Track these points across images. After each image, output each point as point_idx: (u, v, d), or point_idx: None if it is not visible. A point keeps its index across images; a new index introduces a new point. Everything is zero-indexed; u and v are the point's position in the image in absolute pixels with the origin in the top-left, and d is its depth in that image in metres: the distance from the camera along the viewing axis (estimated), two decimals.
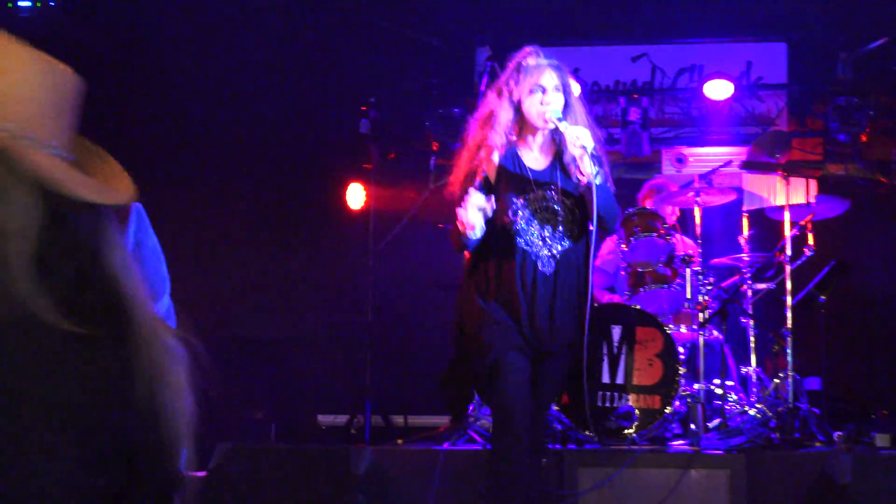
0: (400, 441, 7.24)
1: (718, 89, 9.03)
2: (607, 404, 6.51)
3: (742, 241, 7.78)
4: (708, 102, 9.18)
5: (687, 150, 9.30)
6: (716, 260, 7.85)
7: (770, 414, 6.86)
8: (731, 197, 8.02)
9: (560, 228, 4.73)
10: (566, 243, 4.74)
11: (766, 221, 8.09)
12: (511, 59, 4.89)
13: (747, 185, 9.05)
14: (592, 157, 4.56)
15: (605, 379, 6.57)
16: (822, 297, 7.40)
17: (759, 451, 6.25)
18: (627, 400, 6.54)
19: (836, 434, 6.64)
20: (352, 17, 9.02)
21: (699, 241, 7.54)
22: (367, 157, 9.05)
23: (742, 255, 7.67)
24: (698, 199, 7.52)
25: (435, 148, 9.32)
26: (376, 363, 8.48)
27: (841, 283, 7.49)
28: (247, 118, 9.32)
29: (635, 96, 9.04)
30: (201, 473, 5.68)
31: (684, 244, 7.47)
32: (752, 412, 6.97)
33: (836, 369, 7.75)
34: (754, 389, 7.36)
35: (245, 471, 5.86)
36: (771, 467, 5.96)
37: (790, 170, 7.53)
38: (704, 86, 9.03)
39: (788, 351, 7.12)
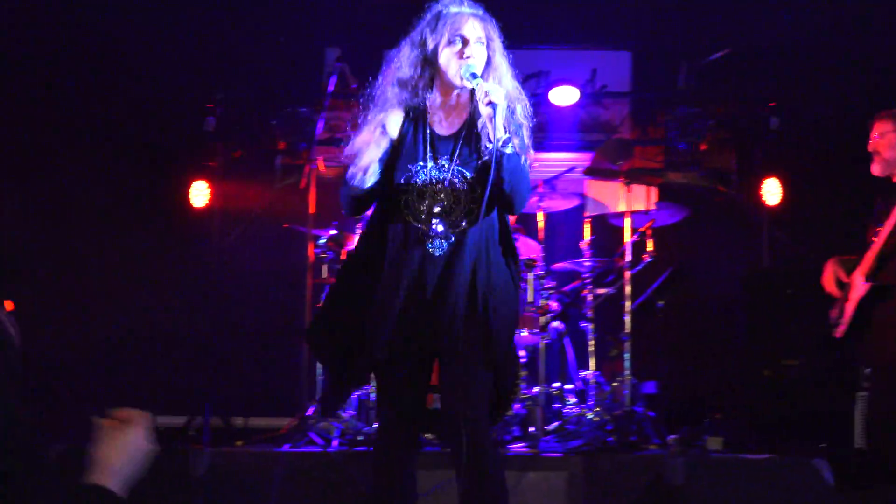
0: (240, 443, 7.14)
1: (564, 96, 9.13)
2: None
3: (584, 246, 7.89)
4: (553, 108, 9.28)
5: (531, 155, 9.37)
6: (558, 264, 7.95)
7: (607, 417, 6.97)
8: (574, 202, 8.14)
9: (457, 206, 4.05)
10: (464, 223, 4.05)
11: (607, 227, 8.22)
12: (429, 9, 4.26)
13: (590, 191, 9.18)
14: (508, 121, 3.95)
15: None
16: (660, 303, 7.54)
17: (595, 453, 6.33)
18: None
19: (671, 437, 6.76)
20: (199, 12, 8.86)
21: (542, 246, 7.62)
22: (212, 154, 8.93)
23: (583, 260, 7.79)
24: (542, 203, 7.61)
25: (281, 147, 9.25)
26: (216, 363, 8.37)
27: (678, 289, 7.65)
28: (88, 115, 9.09)
29: None
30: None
31: (527, 248, 7.53)
32: (590, 415, 7.07)
33: (672, 374, 7.90)
34: (593, 393, 7.46)
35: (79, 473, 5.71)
36: (607, 470, 6.03)
37: (631, 177, 7.66)
38: (550, 92, 9.12)
39: (626, 355, 7.24)
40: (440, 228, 4.04)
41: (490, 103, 3.88)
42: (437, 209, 4.04)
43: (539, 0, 8.99)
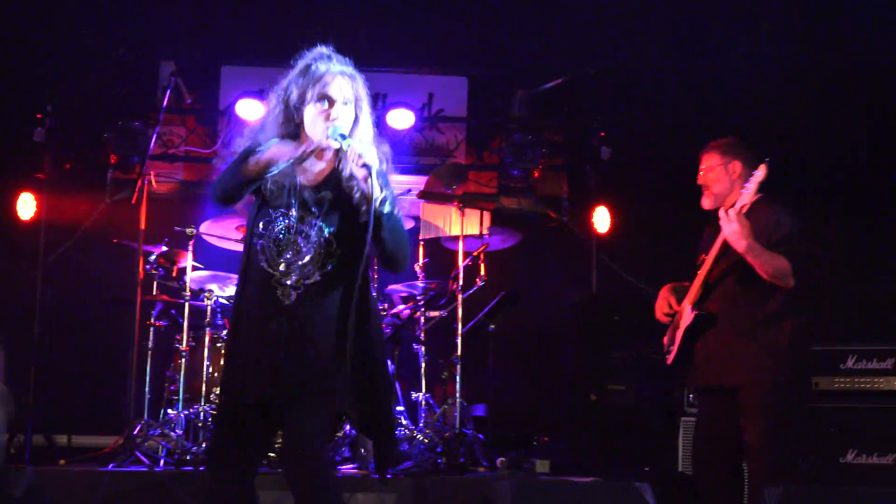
0: (63, 461, 6.96)
1: (400, 119, 9.19)
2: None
3: (417, 269, 7.93)
4: (390, 131, 9.31)
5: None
6: (391, 286, 7.97)
7: (437, 439, 7.00)
8: (409, 225, 8.16)
9: (310, 258, 3.98)
10: (317, 276, 3.98)
11: (441, 250, 8.28)
12: (301, 58, 4.14)
13: (424, 214, 9.21)
14: (380, 179, 3.91)
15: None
16: (492, 326, 7.61)
17: (425, 475, 6.35)
18: None
19: (500, 460, 6.81)
20: (33, 19, 8.65)
21: (375, 268, 7.62)
22: (41, 166, 8.71)
23: (417, 282, 7.83)
24: None
25: (113, 161, 9.08)
26: (40, 379, 8.15)
27: (510, 313, 7.73)
28: None
29: None
30: None
31: None
32: (420, 437, 7.09)
33: (502, 397, 7.98)
34: (423, 415, 7.49)
35: None
36: (436, 491, 6.06)
37: (466, 201, 7.72)
38: (387, 114, 9.16)
39: (457, 378, 7.28)
40: (292, 278, 3.98)
41: (365, 165, 3.87)
42: (290, 258, 3.99)
43: (378, 22, 9.02)
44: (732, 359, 5.27)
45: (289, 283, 3.97)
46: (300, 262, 3.98)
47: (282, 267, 3.99)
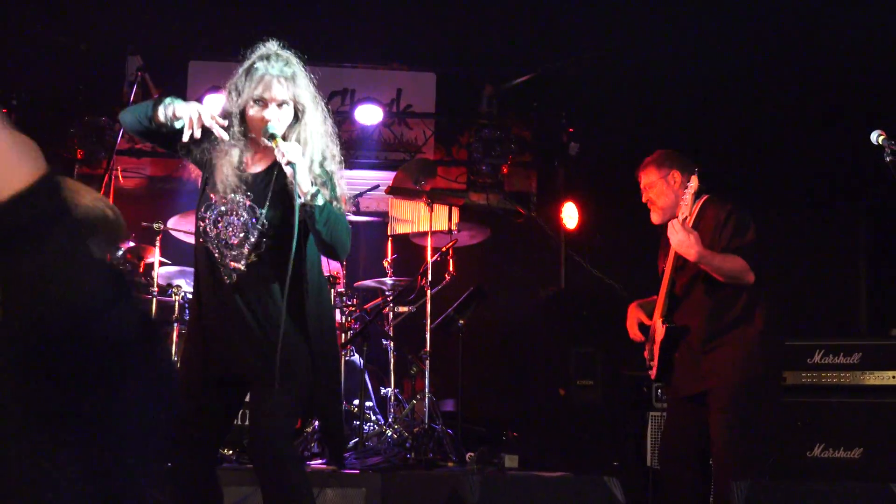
0: None
1: (369, 114, 9.18)
2: (246, 423, 6.44)
3: (386, 264, 7.92)
4: (358, 126, 9.31)
5: (346, 198, 9.35)
6: (360, 282, 7.96)
7: (406, 434, 6.99)
8: (377, 220, 8.17)
9: (246, 241, 4.16)
10: (253, 258, 4.16)
11: (410, 246, 8.27)
12: (250, 55, 4.28)
13: (393, 209, 9.22)
14: (315, 174, 4.15)
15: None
16: (461, 322, 7.60)
17: (394, 470, 6.34)
18: None
19: (469, 455, 6.81)
20: None
21: (344, 263, 7.61)
22: None
23: (385, 278, 7.82)
24: None
25: (80, 156, 9.02)
26: None
27: (478, 308, 7.73)
28: None
29: None
30: None
31: (329, 265, 7.51)
32: (389, 432, 7.08)
33: (471, 392, 7.98)
34: (392, 410, 7.49)
35: None
36: (405, 486, 6.05)
37: (434, 197, 7.72)
38: (356, 110, 9.14)
39: (426, 373, 7.27)
40: (229, 258, 4.17)
41: (289, 163, 4.03)
42: (226, 240, 4.18)
43: (346, 18, 9.00)
44: (706, 366, 5.29)
45: (229, 263, 4.16)
46: (235, 244, 4.17)
47: (222, 248, 4.18)
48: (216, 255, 4.18)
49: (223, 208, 4.19)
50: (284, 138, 4.17)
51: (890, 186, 5.10)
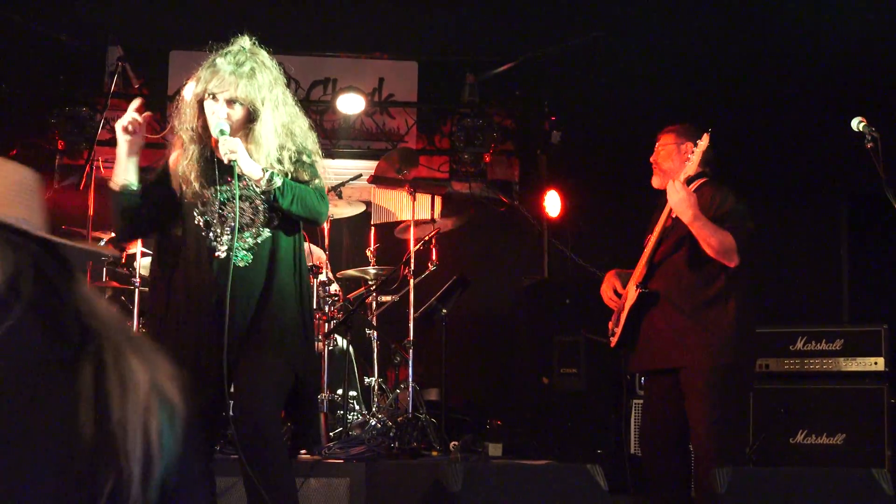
0: None
1: (351, 103, 9.16)
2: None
3: (369, 254, 7.92)
4: (340, 116, 9.30)
5: (323, 174, 9.35)
6: (343, 271, 7.96)
7: (390, 424, 6.99)
8: (360, 209, 8.16)
9: (234, 221, 4.31)
10: (224, 242, 4.33)
11: (392, 235, 8.27)
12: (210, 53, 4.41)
13: (376, 199, 9.22)
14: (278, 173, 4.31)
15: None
16: (444, 311, 7.61)
17: (378, 459, 6.35)
18: None
19: (452, 444, 6.82)
20: None
21: (327, 252, 7.61)
22: None
23: (369, 267, 7.82)
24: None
25: (60, 147, 9.00)
26: None
27: (462, 297, 7.74)
28: None
29: None
30: None
31: (312, 255, 7.51)
32: (373, 422, 7.08)
33: (455, 381, 7.99)
34: (376, 400, 7.49)
35: None
36: (389, 476, 6.06)
37: (417, 186, 7.73)
38: (337, 99, 9.13)
39: (410, 362, 7.28)
40: (222, 241, 4.34)
41: (230, 161, 4.23)
42: (241, 222, 4.33)
43: (328, 7, 8.97)
44: (675, 339, 5.28)
45: (220, 247, 4.32)
46: (221, 226, 4.34)
47: (220, 233, 4.33)
48: (214, 241, 4.33)
49: (226, 196, 4.36)
50: (235, 133, 4.31)
51: (870, 173, 5.11)
